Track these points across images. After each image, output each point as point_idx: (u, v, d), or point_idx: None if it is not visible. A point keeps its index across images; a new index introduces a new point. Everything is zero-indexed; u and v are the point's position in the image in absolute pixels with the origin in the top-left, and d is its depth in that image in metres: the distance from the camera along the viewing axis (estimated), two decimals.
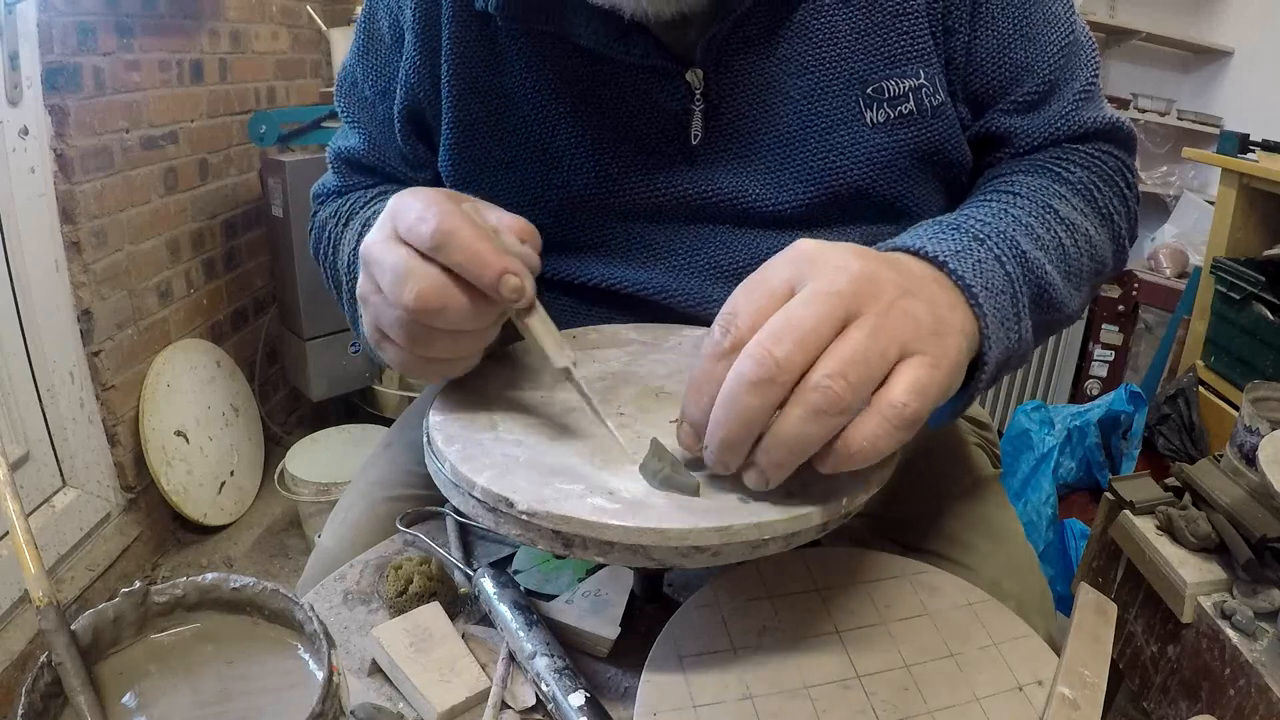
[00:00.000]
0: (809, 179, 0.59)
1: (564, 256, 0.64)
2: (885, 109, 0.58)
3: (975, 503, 0.73)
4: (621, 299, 0.64)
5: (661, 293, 0.62)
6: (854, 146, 0.58)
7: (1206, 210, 2.17)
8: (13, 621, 1.34)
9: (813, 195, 0.60)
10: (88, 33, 1.51)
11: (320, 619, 0.39)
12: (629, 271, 0.63)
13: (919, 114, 0.58)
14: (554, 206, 0.63)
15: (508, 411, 0.49)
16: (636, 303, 0.63)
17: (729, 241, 0.62)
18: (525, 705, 0.47)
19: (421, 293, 0.42)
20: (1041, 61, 0.60)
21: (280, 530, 1.90)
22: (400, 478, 0.71)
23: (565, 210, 0.63)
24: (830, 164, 0.59)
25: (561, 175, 0.62)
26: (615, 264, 0.64)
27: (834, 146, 0.59)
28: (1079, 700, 0.45)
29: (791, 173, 0.60)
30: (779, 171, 0.60)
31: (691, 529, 0.39)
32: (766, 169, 0.60)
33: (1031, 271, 0.48)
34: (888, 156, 0.59)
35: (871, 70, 0.58)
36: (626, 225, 0.63)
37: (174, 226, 1.82)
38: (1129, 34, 2.55)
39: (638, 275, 0.63)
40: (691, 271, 0.62)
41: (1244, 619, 0.70)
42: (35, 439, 1.50)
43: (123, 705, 0.38)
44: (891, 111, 0.58)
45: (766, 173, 0.60)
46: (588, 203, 0.62)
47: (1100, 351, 2.35)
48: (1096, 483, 1.62)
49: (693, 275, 0.62)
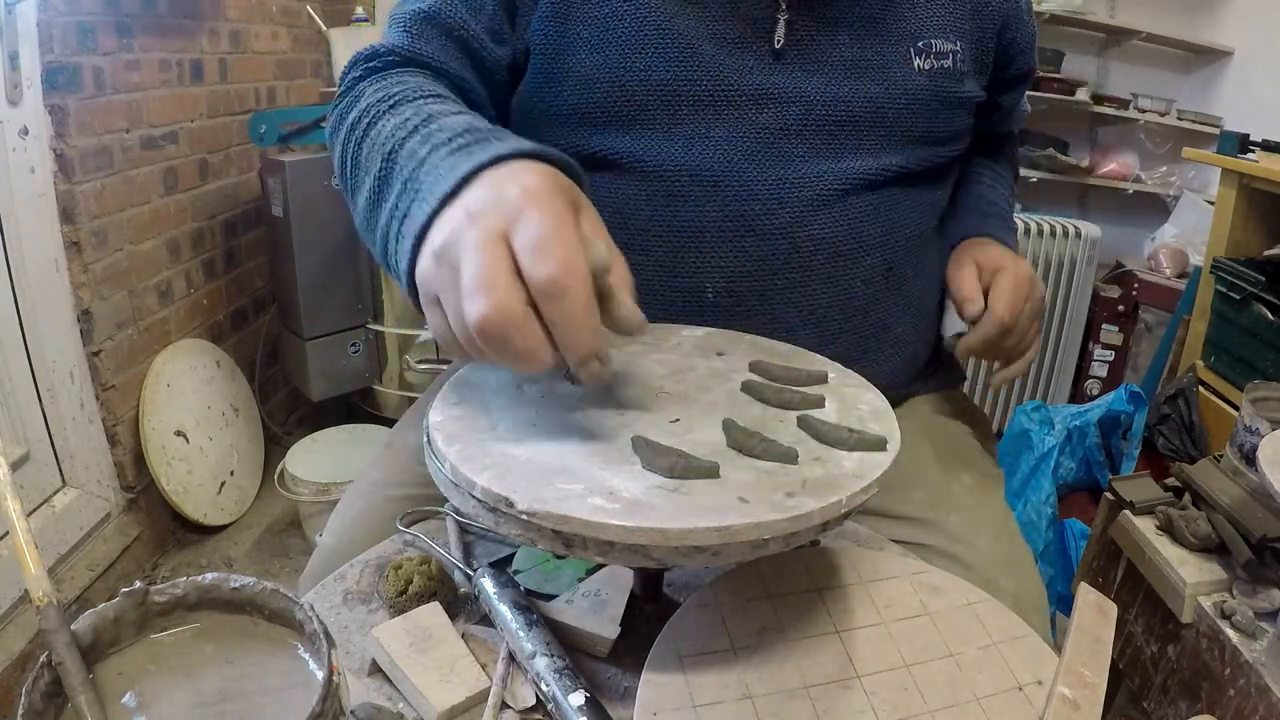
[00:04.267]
0: (864, 102, 0.69)
1: (623, 135, 0.68)
2: (932, 60, 0.71)
3: (976, 501, 0.73)
4: (672, 180, 0.68)
5: (714, 176, 0.68)
6: (903, 82, 0.70)
7: (1206, 210, 2.17)
8: (13, 621, 1.33)
9: (865, 117, 0.70)
10: (88, 33, 1.51)
11: (320, 619, 0.39)
12: (688, 156, 0.68)
13: (954, 72, 0.73)
14: (630, 89, 0.67)
15: (507, 411, 0.49)
16: (688, 185, 0.68)
17: (786, 135, 0.69)
18: (525, 705, 0.47)
19: (492, 318, 0.39)
20: (1029, 44, 0.80)
21: (280, 530, 1.90)
22: (401, 478, 0.71)
23: (639, 93, 0.67)
24: (881, 93, 0.69)
25: (644, 60, 0.67)
26: (676, 149, 0.68)
27: (887, 79, 0.70)
28: (1079, 700, 0.45)
29: (850, 93, 0.69)
30: (840, 88, 0.69)
31: (692, 529, 0.39)
32: (830, 84, 0.69)
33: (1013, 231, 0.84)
34: (925, 97, 0.71)
35: (922, 27, 0.71)
36: (697, 112, 0.68)
37: (174, 226, 1.82)
38: (1129, 34, 2.55)
39: (695, 159, 0.68)
40: (746, 158, 0.68)
41: (1244, 619, 0.70)
42: (35, 439, 1.50)
43: (123, 705, 0.38)
44: (936, 63, 0.71)
45: (829, 87, 0.69)
46: (664, 88, 0.67)
47: (1100, 351, 2.35)
48: (1096, 483, 1.62)
49: (748, 161, 0.68)
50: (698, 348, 0.59)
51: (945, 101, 0.73)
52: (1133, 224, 2.71)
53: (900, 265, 0.73)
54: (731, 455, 0.45)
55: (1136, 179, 2.66)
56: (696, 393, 0.52)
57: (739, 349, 0.60)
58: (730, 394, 0.53)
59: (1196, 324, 1.89)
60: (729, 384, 0.54)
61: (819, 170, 0.69)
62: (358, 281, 2.01)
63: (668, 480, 0.43)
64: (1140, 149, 2.70)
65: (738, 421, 0.48)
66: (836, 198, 0.69)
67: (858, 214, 0.70)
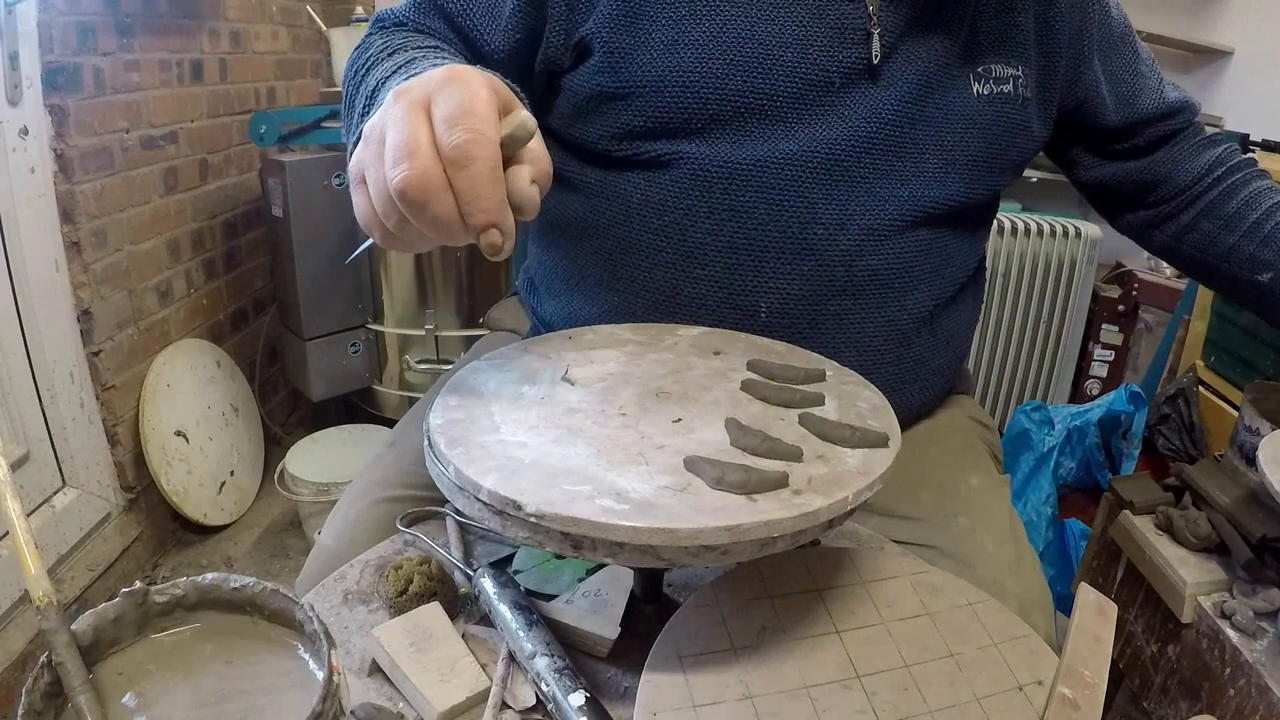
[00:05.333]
0: (925, 125, 0.68)
1: (691, 142, 0.66)
2: (991, 85, 0.70)
3: (983, 503, 0.73)
4: (738, 195, 0.67)
5: (780, 195, 0.67)
6: (964, 109, 0.69)
7: None
8: (13, 621, 1.33)
9: (926, 140, 0.69)
10: (88, 33, 1.51)
11: (320, 619, 0.39)
12: (755, 171, 0.66)
13: (1014, 98, 0.71)
14: (704, 95, 0.65)
15: (509, 413, 0.49)
16: (753, 201, 0.67)
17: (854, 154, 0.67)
18: (525, 705, 0.47)
19: (412, 181, 0.40)
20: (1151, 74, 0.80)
21: (280, 530, 1.89)
22: (400, 478, 0.71)
23: (712, 101, 0.65)
24: (939, 116, 0.69)
25: (720, 66, 0.65)
26: (743, 162, 0.66)
27: (949, 104, 0.69)
28: (1079, 700, 0.45)
29: (916, 114, 0.68)
30: (909, 108, 0.68)
31: (701, 528, 0.39)
32: (901, 102, 0.67)
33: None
34: (986, 122, 0.70)
35: (983, 52, 0.70)
36: (768, 125, 0.66)
37: (174, 226, 1.82)
38: None
39: (762, 175, 0.67)
40: (814, 177, 0.67)
41: (1244, 619, 0.70)
42: (35, 439, 1.50)
43: (123, 705, 0.38)
44: (995, 89, 0.70)
45: (901, 106, 0.67)
46: (738, 98, 0.65)
47: (1100, 351, 2.35)
48: (1096, 483, 1.62)
49: (814, 181, 0.67)
50: (694, 347, 0.59)
51: (1006, 128, 0.71)
52: None
53: (943, 304, 0.74)
54: (736, 454, 0.45)
55: None
56: (697, 392, 0.52)
57: (736, 348, 0.60)
58: (730, 393, 0.53)
59: (1196, 324, 1.89)
60: (729, 383, 0.54)
61: (882, 195, 0.68)
62: (358, 281, 2.01)
63: (675, 480, 0.43)
64: None
65: (740, 420, 0.48)
66: (896, 231, 0.68)
67: (913, 249, 0.70)
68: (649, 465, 0.44)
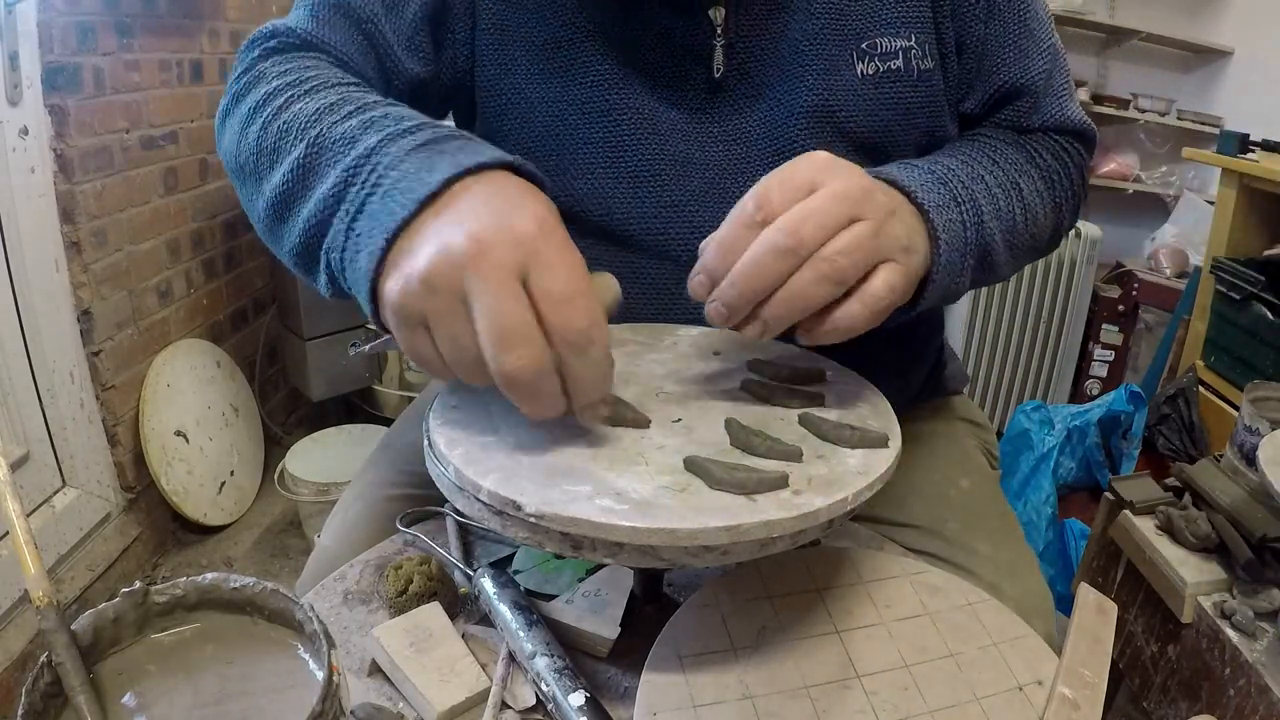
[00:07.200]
0: (807, 117, 0.63)
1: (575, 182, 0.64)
2: (875, 63, 0.63)
3: (974, 505, 0.73)
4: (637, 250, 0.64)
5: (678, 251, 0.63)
6: (845, 93, 0.63)
7: (1206, 210, 2.17)
8: (13, 621, 1.33)
9: (810, 135, 0.63)
10: (88, 33, 1.51)
11: (320, 619, 0.39)
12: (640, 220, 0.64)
13: (906, 73, 0.63)
14: (574, 120, 0.63)
15: (509, 413, 0.49)
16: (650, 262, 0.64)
17: (733, 176, 0.63)
18: (525, 705, 0.47)
19: (527, 371, 0.39)
20: (1038, 55, 0.67)
21: (280, 530, 1.90)
22: (400, 478, 0.71)
23: (580, 127, 0.63)
24: (825, 105, 0.62)
25: (584, 91, 0.63)
26: (622, 204, 0.64)
27: (829, 89, 0.62)
28: (1079, 700, 0.45)
29: (793, 111, 0.63)
30: (782, 108, 0.63)
31: (701, 529, 0.39)
32: (772, 105, 0.63)
33: (985, 240, 0.57)
34: (872, 107, 0.63)
35: (867, 26, 0.62)
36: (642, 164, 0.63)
37: (174, 226, 1.82)
38: (1129, 34, 2.55)
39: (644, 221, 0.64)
40: (687, 198, 0.64)
41: (1244, 619, 0.70)
42: (35, 439, 1.50)
43: (123, 705, 0.38)
44: (881, 66, 0.63)
45: (772, 109, 0.63)
46: (604, 117, 0.63)
47: (1100, 351, 2.35)
48: (1096, 483, 1.62)
49: (689, 202, 0.64)
50: (694, 347, 0.59)
51: (900, 112, 0.64)
52: (1133, 224, 2.71)
53: None
54: (736, 454, 0.45)
55: (1136, 179, 2.66)
56: (697, 392, 0.52)
57: (735, 348, 0.60)
58: (730, 393, 0.53)
59: (1196, 324, 1.89)
60: (728, 383, 0.54)
61: None
62: None
63: (675, 480, 0.43)
64: (1140, 149, 2.70)
65: (740, 420, 0.48)
66: None
67: None
68: (649, 465, 0.44)
